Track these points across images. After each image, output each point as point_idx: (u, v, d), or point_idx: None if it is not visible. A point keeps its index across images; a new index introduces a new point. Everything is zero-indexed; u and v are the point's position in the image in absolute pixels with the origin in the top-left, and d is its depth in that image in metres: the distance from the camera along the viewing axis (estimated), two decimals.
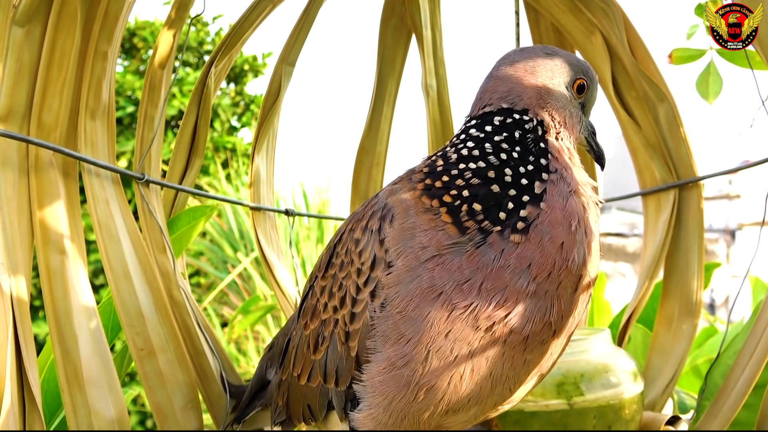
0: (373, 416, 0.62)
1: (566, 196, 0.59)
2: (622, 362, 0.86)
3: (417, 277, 0.57)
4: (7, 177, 0.73)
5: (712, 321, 2.09)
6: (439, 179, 0.60)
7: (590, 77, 0.67)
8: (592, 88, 0.68)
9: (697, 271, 1.02)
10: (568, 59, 0.67)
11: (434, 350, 0.57)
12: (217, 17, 4.34)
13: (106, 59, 0.80)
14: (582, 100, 0.67)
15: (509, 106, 0.63)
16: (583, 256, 0.59)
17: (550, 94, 0.64)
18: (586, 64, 0.68)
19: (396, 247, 0.59)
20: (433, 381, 0.58)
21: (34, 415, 0.68)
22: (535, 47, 0.69)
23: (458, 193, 0.59)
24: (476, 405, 0.61)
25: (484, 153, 0.60)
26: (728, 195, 7.76)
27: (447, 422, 0.63)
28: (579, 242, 0.58)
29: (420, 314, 0.57)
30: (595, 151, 0.70)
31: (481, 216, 0.57)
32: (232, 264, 3.21)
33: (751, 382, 0.81)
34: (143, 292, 0.83)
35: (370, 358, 0.60)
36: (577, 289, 0.59)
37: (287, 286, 1.07)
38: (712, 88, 0.95)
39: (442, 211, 0.58)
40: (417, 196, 0.60)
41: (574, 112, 0.66)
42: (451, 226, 0.57)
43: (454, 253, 0.57)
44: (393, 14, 1.16)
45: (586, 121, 0.68)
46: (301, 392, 0.71)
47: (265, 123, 1.08)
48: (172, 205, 0.98)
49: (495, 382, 0.60)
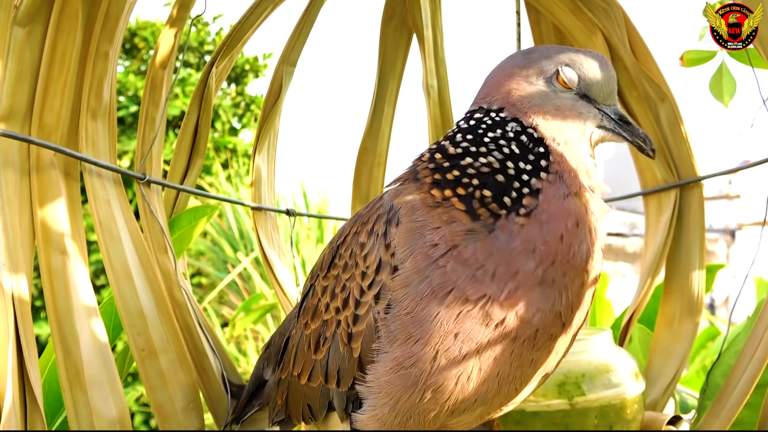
0: (378, 417, 0.61)
1: (564, 197, 0.59)
2: (624, 362, 0.86)
3: (426, 277, 0.57)
4: (8, 177, 0.73)
5: (713, 321, 2.09)
6: (449, 172, 0.60)
7: (579, 65, 0.62)
8: (588, 76, 0.62)
9: (698, 271, 1.02)
10: (548, 53, 0.63)
11: (443, 350, 0.57)
12: (217, 17, 4.34)
13: (107, 59, 0.80)
14: (578, 91, 0.62)
15: (485, 106, 0.64)
16: (586, 251, 0.59)
17: (519, 92, 0.63)
18: (573, 53, 0.63)
19: (403, 249, 0.59)
20: (441, 381, 0.58)
21: (35, 415, 0.68)
22: (524, 49, 0.68)
23: (469, 182, 0.59)
24: (482, 405, 0.61)
25: (488, 148, 0.60)
26: (728, 195, 7.75)
27: (452, 422, 0.62)
28: (581, 238, 0.58)
29: (429, 315, 0.57)
30: (629, 139, 0.63)
31: (491, 202, 0.58)
32: (232, 264, 3.21)
33: (752, 382, 0.81)
34: (144, 292, 0.83)
35: (376, 359, 0.60)
36: (584, 283, 0.60)
37: (288, 285, 1.08)
38: (726, 90, 0.95)
39: (454, 201, 0.58)
40: (426, 191, 0.60)
41: (565, 105, 0.62)
42: (463, 214, 0.58)
43: (469, 240, 0.57)
44: (394, 14, 1.16)
45: (598, 110, 0.63)
46: (301, 392, 0.71)
47: (266, 123, 1.08)
48: (173, 205, 0.98)
49: (502, 382, 0.60)
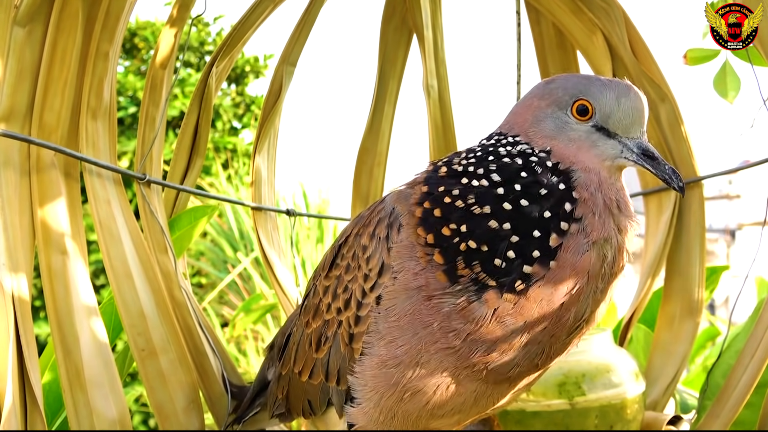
0: (365, 411, 0.63)
1: (583, 251, 0.54)
2: (624, 362, 0.86)
3: (410, 297, 0.57)
4: (8, 177, 0.72)
5: (713, 321, 2.09)
6: (437, 206, 0.57)
7: (594, 95, 0.59)
8: (603, 107, 0.59)
9: (699, 271, 1.02)
10: (566, 83, 0.61)
11: (423, 362, 0.58)
12: (218, 17, 4.34)
13: (107, 59, 0.80)
14: (594, 123, 0.59)
15: (503, 131, 0.62)
16: (584, 311, 0.57)
17: (534, 121, 0.60)
18: (593, 83, 0.60)
19: (398, 262, 0.59)
20: (420, 386, 0.59)
21: (35, 415, 0.68)
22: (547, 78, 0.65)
23: (457, 228, 0.55)
24: (459, 413, 0.63)
25: (488, 169, 0.57)
26: (728, 195, 7.76)
27: (434, 424, 0.64)
28: (582, 300, 0.56)
29: (412, 329, 0.58)
30: (657, 174, 0.58)
31: (477, 266, 0.54)
32: (232, 264, 3.21)
33: (752, 382, 0.81)
34: (145, 292, 0.83)
35: (365, 352, 0.61)
36: (571, 335, 0.58)
37: (288, 285, 1.08)
38: (731, 87, 0.94)
39: (435, 251, 0.55)
40: (415, 223, 0.58)
41: (579, 137, 0.59)
42: (441, 274, 0.55)
43: (443, 300, 0.55)
44: (394, 14, 1.16)
45: (618, 142, 0.59)
46: (302, 388, 0.72)
47: (266, 123, 1.08)
48: (173, 205, 0.98)
49: (478, 397, 0.61)
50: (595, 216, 0.55)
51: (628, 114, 0.59)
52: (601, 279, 0.56)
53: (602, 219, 0.55)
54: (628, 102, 0.59)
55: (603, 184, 0.57)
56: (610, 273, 0.56)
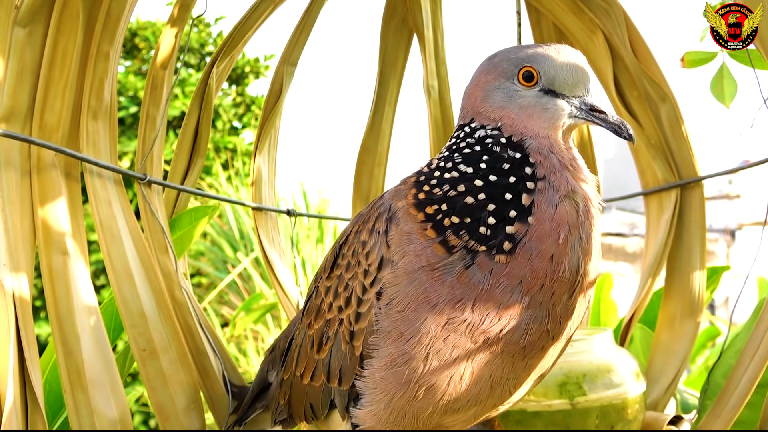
0: (374, 413, 0.62)
1: (556, 204, 0.58)
2: (625, 362, 0.86)
3: (415, 280, 0.58)
4: (9, 177, 0.73)
5: (713, 321, 2.09)
6: (421, 190, 0.61)
7: (537, 60, 0.61)
8: (547, 70, 0.61)
9: (699, 271, 1.02)
10: (509, 54, 0.63)
11: (434, 352, 0.58)
12: (219, 18, 4.33)
13: (107, 60, 0.80)
14: (541, 86, 0.61)
15: (462, 122, 0.65)
16: (577, 263, 0.58)
17: (484, 96, 0.63)
18: (533, 50, 0.62)
19: (397, 249, 0.60)
20: (433, 380, 0.58)
21: (36, 415, 0.68)
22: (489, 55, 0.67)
23: (438, 207, 0.59)
24: (475, 405, 0.62)
25: (455, 162, 0.61)
26: (728, 195, 7.76)
27: (447, 422, 0.63)
28: (571, 250, 0.57)
29: (418, 317, 0.58)
30: (606, 126, 0.61)
31: (465, 235, 0.57)
32: (232, 264, 3.21)
33: (753, 382, 0.81)
34: (145, 293, 0.83)
35: (372, 354, 0.61)
36: (573, 294, 0.59)
37: (288, 285, 1.08)
38: (728, 91, 0.95)
39: (428, 226, 0.59)
40: (410, 203, 0.61)
41: (529, 103, 0.61)
42: (437, 245, 0.58)
43: (445, 271, 0.57)
44: (394, 15, 1.16)
45: (567, 102, 0.61)
46: (303, 391, 0.71)
47: (266, 123, 1.08)
48: (173, 205, 0.98)
49: (495, 384, 0.60)
50: (556, 173, 0.59)
51: (572, 73, 0.62)
52: (582, 228, 0.58)
53: (563, 175, 0.59)
54: (569, 62, 0.62)
55: (554, 147, 0.60)
56: (587, 222, 0.59)
